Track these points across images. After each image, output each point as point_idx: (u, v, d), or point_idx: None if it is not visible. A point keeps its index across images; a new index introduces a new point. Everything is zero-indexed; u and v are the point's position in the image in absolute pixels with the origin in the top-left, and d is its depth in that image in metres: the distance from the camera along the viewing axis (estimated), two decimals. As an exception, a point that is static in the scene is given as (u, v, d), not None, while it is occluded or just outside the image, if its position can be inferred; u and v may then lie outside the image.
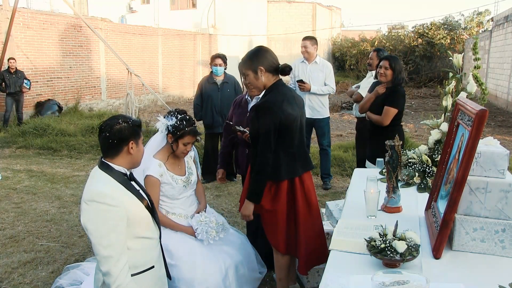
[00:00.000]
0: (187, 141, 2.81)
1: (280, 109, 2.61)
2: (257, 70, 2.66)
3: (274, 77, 2.72)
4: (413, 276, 1.52)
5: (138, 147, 2.08)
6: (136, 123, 2.08)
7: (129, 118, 2.08)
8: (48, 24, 11.52)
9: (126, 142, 2.02)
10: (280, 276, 2.97)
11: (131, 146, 2.04)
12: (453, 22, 22.14)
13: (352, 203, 2.53)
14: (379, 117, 3.87)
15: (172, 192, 2.87)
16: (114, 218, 1.93)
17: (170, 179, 2.84)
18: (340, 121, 11.93)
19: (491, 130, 10.44)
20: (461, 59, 2.85)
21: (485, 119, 1.74)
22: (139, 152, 2.11)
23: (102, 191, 1.94)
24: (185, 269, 2.69)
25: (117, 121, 2.02)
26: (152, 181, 2.79)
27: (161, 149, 2.90)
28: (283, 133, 2.66)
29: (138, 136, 2.08)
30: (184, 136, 2.78)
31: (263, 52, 2.72)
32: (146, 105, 14.73)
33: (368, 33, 27.06)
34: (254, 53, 2.73)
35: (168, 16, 21.26)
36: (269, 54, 2.72)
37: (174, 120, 2.80)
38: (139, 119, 2.15)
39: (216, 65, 5.83)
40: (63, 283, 3.04)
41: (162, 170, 2.82)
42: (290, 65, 2.78)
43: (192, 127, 2.82)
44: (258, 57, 2.69)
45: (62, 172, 6.63)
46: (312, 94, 5.49)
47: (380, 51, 5.11)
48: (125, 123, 2.03)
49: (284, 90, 2.72)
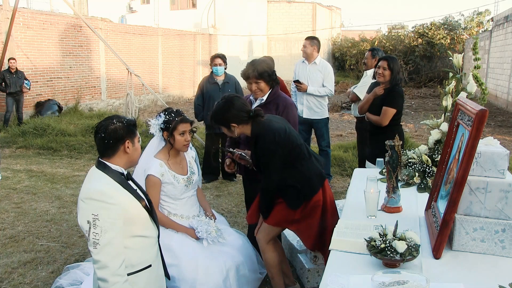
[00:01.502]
0: (182, 129, 2.82)
1: (280, 136, 2.66)
2: (229, 127, 2.74)
3: (249, 123, 2.73)
4: (413, 276, 1.52)
5: (134, 146, 2.09)
6: (131, 122, 2.08)
7: (124, 118, 2.09)
8: (48, 24, 11.51)
9: (122, 142, 2.03)
10: (272, 275, 2.97)
11: (127, 145, 2.05)
12: (453, 22, 22.15)
13: (352, 203, 2.53)
14: (378, 118, 3.87)
15: (174, 192, 2.88)
16: (112, 217, 1.93)
17: (172, 178, 2.85)
18: (340, 121, 11.93)
19: (491, 130, 10.44)
20: (461, 59, 2.85)
21: (485, 119, 1.74)
22: (136, 151, 2.11)
23: (99, 190, 1.94)
24: (187, 269, 2.70)
25: (111, 121, 2.03)
26: (153, 181, 2.80)
27: (161, 149, 2.92)
28: (292, 152, 2.72)
29: (133, 135, 2.08)
30: (177, 126, 2.80)
31: (230, 106, 2.72)
32: (146, 105, 14.73)
33: (368, 33, 27.07)
34: (219, 110, 2.74)
35: (168, 16, 21.27)
36: (236, 102, 2.72)
37: (163, 117, 2.85)
38: (133, 119, 2.15)
39: (216, 65, 5.83)
40: (63, 283, 3.05)
41: (163, 169, 2.83)
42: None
43: (182, 116, 2.85)
44: (226, 114, 2.71)
45: (62, 172, 6.63)
46: (310, 95, 5.49)
47: (375, 50, 5.12)
48: (120, 122, 2.04)
49: (273, 120, 2.77)
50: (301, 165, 2.76)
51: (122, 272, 1.96)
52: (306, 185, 2.74)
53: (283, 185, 2.72)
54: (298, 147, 2.77)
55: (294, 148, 2.74)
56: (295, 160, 2.74)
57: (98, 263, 1.93)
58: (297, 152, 2.75)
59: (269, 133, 2.67)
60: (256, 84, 3.19)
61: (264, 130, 2.69)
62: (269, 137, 2.65)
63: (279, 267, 2.98)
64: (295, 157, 2.74)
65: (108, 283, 1.92)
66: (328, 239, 2.76)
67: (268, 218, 2.83)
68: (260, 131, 2.70)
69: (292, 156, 2.72)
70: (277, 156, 2.64)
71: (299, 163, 2.75)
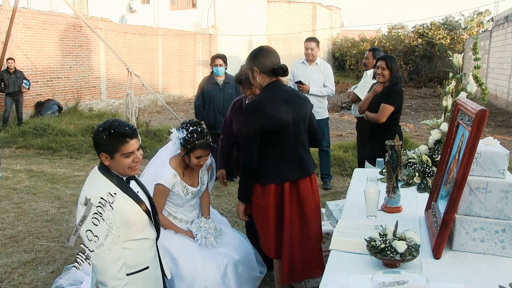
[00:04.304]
0: (199, 154, 2.73)
1: (263, 112, 2.59)
2: (252, 70, 2.68)
3: (270, 78, 2.68)
4: (413, 276, 1.52)
5: (114, 160, 1.95)
6: (117, 134, 1.91)
7: (116, 127, 1.93)
8: (48, 24, 11.51)
9: (99, 151, 1.98)
10: (277, 279, 2.97)
11: (105, 156, 1.96)
12: (453, 22, 22.14)
13: (352, 203, 2.53)
14: (375, 115, 3.89)
15: (178, 201, 2.90)
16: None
17: (181, 191, 2.82)
18: (340, 121, 11.93)
19: (491, 130, 10.44)
20: (461, 59, 2.85)
21: (485, 119, 1.74)
22: (117, 165, 1.97)
23: (98, 194, 1.92)
24: (185, 268, 2.71)
25: (100, 128, 1.96)
26: (161, 190, 2.76)
27: (177, 155, 2.84)
28: (271, 136, 2.63)
29: (114, 150, 1.93)
30: (194, 150, 2.71)
31: (262, 53, 2.70)
32: (146, 105, 14.72)
33: (368, 33, 27.05)
34: (252, 53, 2.75)
35: (168, 16, 21.26)
36: (267, 55, 2.69)
37: (185, 133, 2.74)
38: (129, 129, 1.96)
39: (217, 65, 5.83)
40: (63, 283, 3.04)
41: (176, 180, 2.78)
42: (290, 65, 2.79)
43: (204, 140, 2.73)
44: (255, 58, 2.70)
45: (62, 172, 6.63)
46: (310, 95, 5.49)
47: (376, 50, 5.12)
48: (105, 132, 1.92)
49: (276, 92, 2.67)
50: (268, 154, 2.65)
51: (122, 275, 1.95)
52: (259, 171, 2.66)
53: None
54: (280, 138, 2.64)
55: (275, 135, 2.63)
56: (268, 147, 2.65)
57: (97, 267, 1.92)
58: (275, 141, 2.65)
59: (256, 103, 2.64)
60: (250, 89, 3.27)
61: (257, 97, 2.68)
62: (252, 106, 2.63)
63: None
64: (270, 146, 2.65)
65: (108, 287, 1.92)
66: (286, 250, 2.71)
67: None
68: (255, 99, 2.68)
69: (269, 142, 2.64)
70: (254, 132, 2.58)
71: (269, 152, 2.65)
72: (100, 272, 1.92)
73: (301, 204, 2.75)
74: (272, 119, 2.59)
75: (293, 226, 2.74)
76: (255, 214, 2.79)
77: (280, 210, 2.73)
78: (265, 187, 2.70)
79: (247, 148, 2.63)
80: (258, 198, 2.73)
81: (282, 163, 2.68)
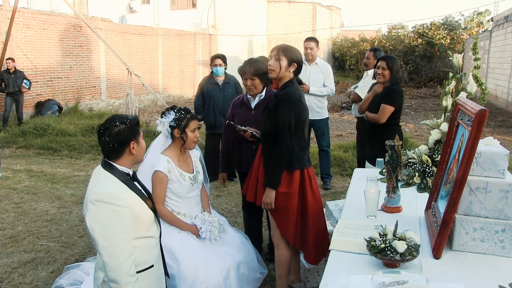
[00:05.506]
0: (193, 126, 2.89)
1: (299, 102, 2.82)
2: (291, 63, 2.82)
3: (292, 75, 2.89)
4: (413, 276, 1.52)
5: (139, 145, 2.09)
6: (134, 122, 2.07)
7: (126, 117, 2.06)
8: (48, 24, 11.51)
9: (127, 144, 2.03)
10: (280, 273, 2.98)
11: (133, 146, 2.05)
12: (453, 22, 22.14)
13: (352, 203, 2.53)
14: (375, 115, 3.88)
15: (181, 190, 2.90)
16: (122, 219, 1.93)
17: (179, 176, 2.87)
18: (340, 121, 11.93)
19: (491, 130, 10.44)
20: (461, 59, 2.85)
21: (485, 119, 1.74)
22: (141, 149, 2.12)
23: (109, 192, 1.94)
24: (187, 268, 2.71)
25: (114, 124, 2.01)
26: (160, 177, 2.83)
27: (168, 146, 2.96)
28: (298, 126, 2.83)
29: (138, 134, 2.08)
30: (189, 123, 2.86)
31: (298, 52, 2.90)
32: (146, 105, 14.72)
33: (368, 33, 27.06)
34: (292, 48, 2.88)
35: (168, 16, 21.25)
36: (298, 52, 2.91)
37: (173, 114, 2.88)
38: (135, 116, 2.15)
39: (217, 65, 5.83)
40: (63, 283, 3.04)
41: (171, 166, 2.86)
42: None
43: (191, 113, 2.92)
44: (295, 53, 2.85)
45: (62, 172, 6.63)
46: (311, 95, 5.49)
47: (377, 50, 5.12)
48: (123, 124, 2.02)
49: (298, 87, 2.93)
50: (297, 137, 2.85)
51: (133, 272, 1.97)
52: (293, 157, 2.83)
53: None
54: (304, 127, 2.89)
55: (300, 124, 2.84)
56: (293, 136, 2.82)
57: (109, 265, 1.92)
58: (299, 130, 2.86)
59: (290, 93, 2.79)
60: (252, 80, 3.38)
61: (290, 90, 2.82)
62: (290, 96, 2.78)
63: (288, 267, 3.00)
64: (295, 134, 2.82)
65: (120, 284, 1.92)
66: (311, 235, 2.89)
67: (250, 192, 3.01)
68: (288, 90, 2.81)
69: (296, 130, 2.82)
70: (292, 119, 2.76)
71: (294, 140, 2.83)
72: (114, 269, 1.92)
73: (314, 191, 2.97)
74: (303, 109, 2.85)
75: (315, 211, 2.94)
76: (280, 205, 2.87)
77: (302, 198, 2.90)
78: (292, 174, 2.85)
79: (284, 136, 2.77)
80: (284, 188, 2.84)
81: (303, 150, 2.91)
